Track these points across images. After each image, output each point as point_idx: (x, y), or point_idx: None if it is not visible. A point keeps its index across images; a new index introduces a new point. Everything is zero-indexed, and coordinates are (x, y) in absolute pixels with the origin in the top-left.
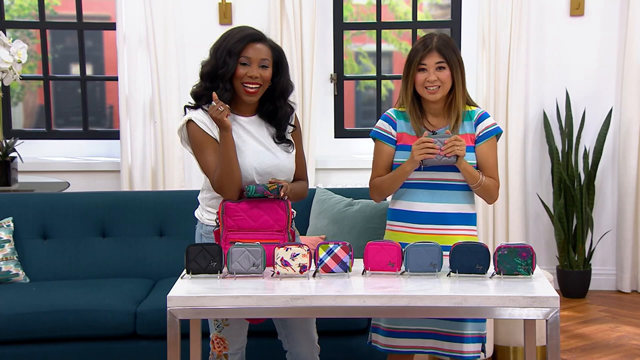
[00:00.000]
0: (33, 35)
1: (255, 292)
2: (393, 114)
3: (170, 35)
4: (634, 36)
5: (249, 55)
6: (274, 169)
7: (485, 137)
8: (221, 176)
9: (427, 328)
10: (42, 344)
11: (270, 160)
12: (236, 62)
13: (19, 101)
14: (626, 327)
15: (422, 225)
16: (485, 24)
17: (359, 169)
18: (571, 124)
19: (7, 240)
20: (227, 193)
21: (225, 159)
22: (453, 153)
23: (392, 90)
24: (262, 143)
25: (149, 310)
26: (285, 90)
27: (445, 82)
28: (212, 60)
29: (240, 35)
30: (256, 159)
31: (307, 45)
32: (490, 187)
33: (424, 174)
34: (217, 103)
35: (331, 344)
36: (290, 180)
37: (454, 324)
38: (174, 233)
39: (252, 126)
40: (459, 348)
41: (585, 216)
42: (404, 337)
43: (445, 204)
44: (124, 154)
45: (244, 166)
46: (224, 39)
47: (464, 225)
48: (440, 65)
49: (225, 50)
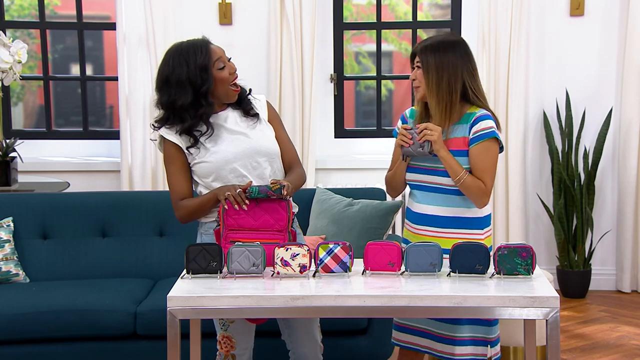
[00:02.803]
0: (33, 35)
1: (255, 292)
2: (407, 112)
3: (170, 35)
4: (634, 36)
5: (217, 57)
6: (252, 152)
7: (477, 139)
8: (189, 212)
9: (424, 327)
10: (42, 344)
11: (246, 144)
12: (211, 73)
13: (19, 101)
14: (626, 327)
15: (419, 226)
16: (485, 24)
17: (359, 169)
18: (571, 124)
19: (7, 240)
20: (182, 220)
21: (201, 207)
22: (424, 138)
23: (392, 90)
24: (234, 132)
25: (149, 310)
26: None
27: (421, 81)
28: (177, 93)
29: (194, 49)
30: (232, 147)
31: (307, 45)
32: (472, 188)
33: (417, 175)
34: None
35: (331, 344)
36: (275, 159)
37: (447, 326)
38: (174, 233)
39: (223, 119)
40: (450, 350)
41: (585, 216)
42: (408, 332)
43: (437, 206)
44: (124, 154)
45: (224, 157)
46: (181, 66)
47: (459, 229)
48: (417, 65)
49: (197, 69)
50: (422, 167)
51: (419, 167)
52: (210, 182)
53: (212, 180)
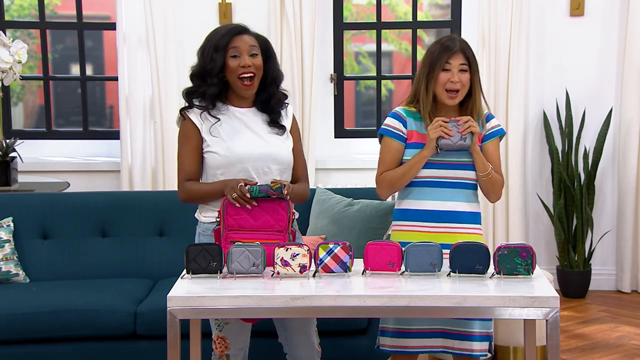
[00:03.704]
0: (33, 35)
1: (255, 292)
2: (403, 112)
3: (170, 35)
4: (634, 36)
5: (236, 45)
6: (267, 158)
7: (490, 137)
8: (192, 197)
9: (436, 327)
10: (42, 344)
11: (263, 149)
12: (224, 56)
13: (19, 101)
14: (626, 327)
15: (433, 224)
16: (485, 24)
17: (359, 169)
18: (571, 124)
19: (7, 240)
20: (184, 201)
21: (207, 195)
22: (469, 130)
23: (392, 90)
24: (254, 132)
25: (149, 310)
26: (276, 77)
27: (465, 85)
28: (199, 60)
29: (224, 30)
30: (249, 147)
31: (307, 45)
32: (498, 181)
33: (434, 171)
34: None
35: (331, 344)
36: (287, 170)
37: (462, 322)
38: (174, 233)
39: (246, 116)
40: (468, 346)
41: (585, 216)
42: (414, 337)
43: (456, 202)
44: (124, 154)
45: (237, 155)
46: (209, 39)
47: (472, 224)
48: (463, 68)
49: (211, 47)
50: (443, 162)
51: (440, 163)
52: (218, 175)
53: (220, 174)
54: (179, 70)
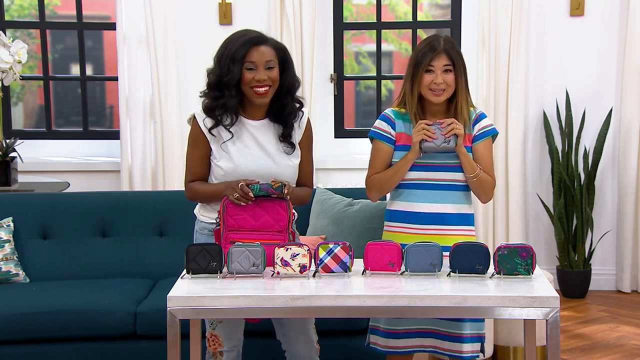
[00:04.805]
0: (33, 35)
1: (255, 292)
2: (391, 114)
3: (170, 35)
4: (634, 36)
5: (253, 59)
6: (271, 176)
7: (481, 137)
8: (197, 197)
9: (427, 327)
10: (42, 344)
11: (269, 170)
12: (240, 68)
13: (19, 101)
14: (626, 327)
15: (422, 226)
16: (485, 24)
17: (359, 169)
18: (571, 124)
19: (7, 240)
20: (190, 200)
21: (211, 196)
22: (452, 132)
23: (392, 90)
24: (264, 149)
25: (149, 310)
26: (291, 86)
27: (450, 84)
28: (216, 68)
29: (241, 40)
30: (255, 166)
31: (307, 45)
32: (487, 182)
33: (422, 173)
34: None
35: (331, 344)
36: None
37: (453, 323)
38: (174, 233)
39: (258, 130)
40: (458, 348)
41: (585, 216)
42: (404, 337)
43: (444, 204)
44: (124, 154)
45: (243, 173)
46: (226, 46)
47: (462, 226)
48: (447, 68)
49: (228, 58)
50: (430, 165)
51: (427, 165)
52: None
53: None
54: (179, 70)
